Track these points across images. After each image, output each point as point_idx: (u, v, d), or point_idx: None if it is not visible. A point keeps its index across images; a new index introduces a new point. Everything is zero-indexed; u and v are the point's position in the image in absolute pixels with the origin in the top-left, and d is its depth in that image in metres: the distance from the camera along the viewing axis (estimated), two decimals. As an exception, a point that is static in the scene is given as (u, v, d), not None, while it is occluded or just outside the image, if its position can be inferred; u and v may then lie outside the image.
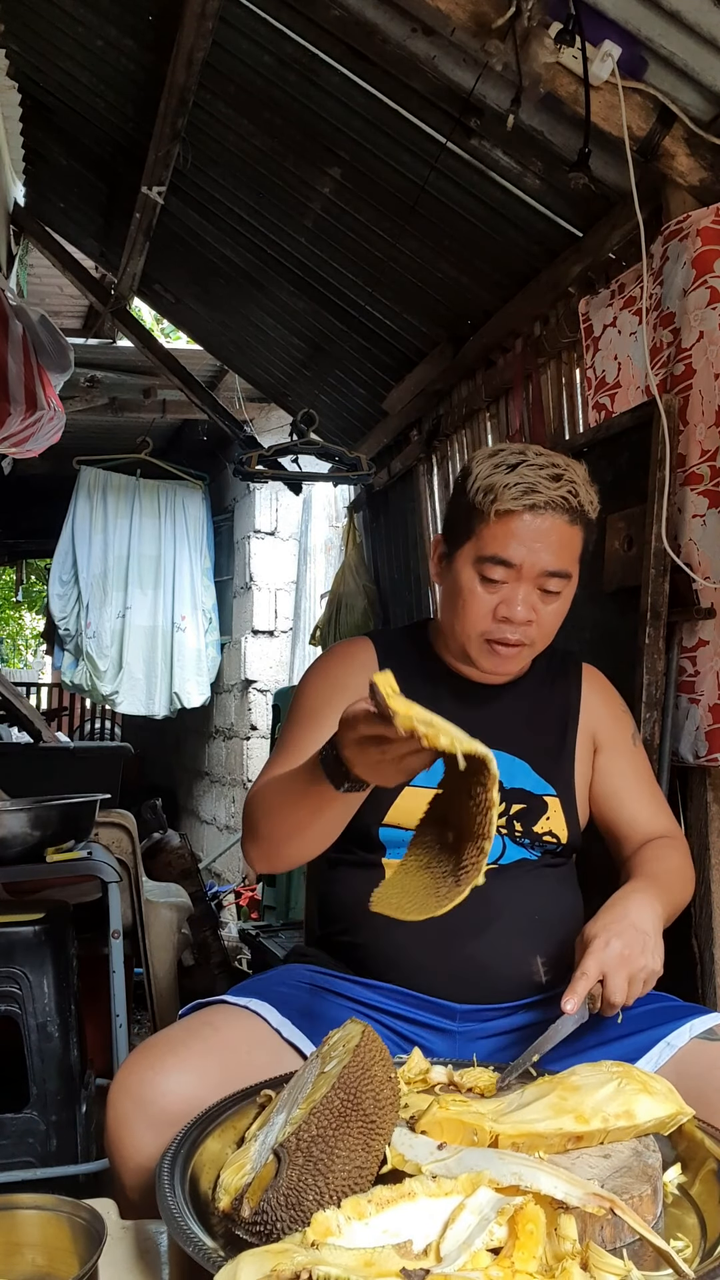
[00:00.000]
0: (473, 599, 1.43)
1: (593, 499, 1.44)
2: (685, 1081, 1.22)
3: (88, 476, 6.57)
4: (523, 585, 1.41)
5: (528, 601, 1.42)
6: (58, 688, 9.44)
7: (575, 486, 1.40)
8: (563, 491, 1.39)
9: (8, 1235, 0.94)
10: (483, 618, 1.43)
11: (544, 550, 1.40)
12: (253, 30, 2.64)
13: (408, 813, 1.43)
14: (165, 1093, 1.22)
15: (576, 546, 1.44)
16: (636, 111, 2.08)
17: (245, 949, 4.26)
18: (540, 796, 1.50)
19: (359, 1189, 0.90)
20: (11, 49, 3.09)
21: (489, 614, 1.43)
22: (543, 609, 1.44)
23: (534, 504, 1.38)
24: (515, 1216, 0.84)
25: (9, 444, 3.34)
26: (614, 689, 1.67)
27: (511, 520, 1.39)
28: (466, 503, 1.44)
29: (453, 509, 1.50)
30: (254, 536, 6.24)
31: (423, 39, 2.20)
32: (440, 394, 3.55)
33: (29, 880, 2.34)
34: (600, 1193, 0.89)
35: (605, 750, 1.58)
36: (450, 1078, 1.19)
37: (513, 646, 1.44)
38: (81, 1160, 2.10)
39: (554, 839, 1.49)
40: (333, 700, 1.50)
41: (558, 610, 1.47)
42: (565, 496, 1.39)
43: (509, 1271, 0.79)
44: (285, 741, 1.53)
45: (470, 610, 1.44)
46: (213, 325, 4.61)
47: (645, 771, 1.61)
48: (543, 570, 1.41)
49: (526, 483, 1.38)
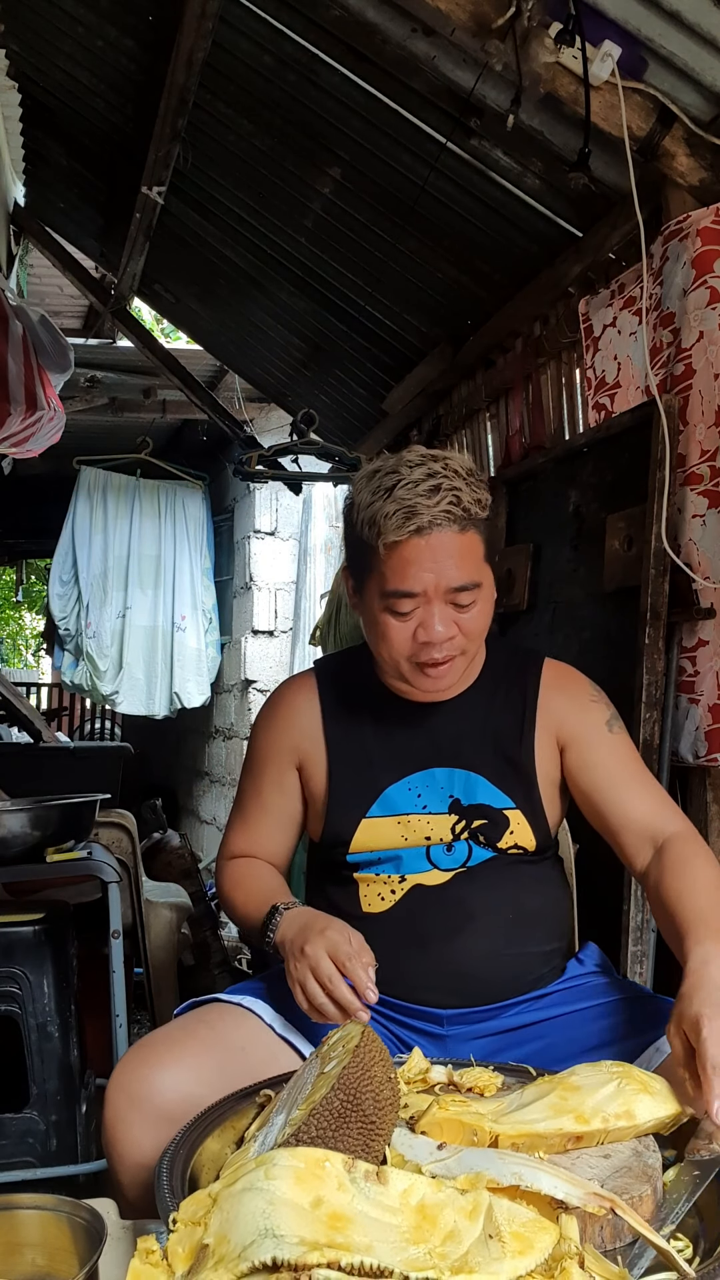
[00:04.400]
0: (389, 630, 1.40)
1: (478, 496, 1.38)
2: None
3: (88, 476, 6.57)
4: (434, 605, 1.37)
5: (444, 619, 1.38)
6: (58, 688, 9.44)
7: (457, 494, 1.35)
8: (444, 505, 1.34)
9: (8, 1235, 0.94)
10: (404, 645, 1.40)
11: (443, 569, 1.36)
12: (253, 30, 2.63)
13: (368, 840, 1.47)
14: (161, 1090, 1.23)
15: (477, 550, 1.40)
16: (636, 111, 2.08)
17: (245, 949, 4.26)
18: (500, 811, 1.46)
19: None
20: (11, 49, 3.09)
21: (409, 640, 1.39)
22: (463, 619, 1.39)
23: (418, 527, 1.33)
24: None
25: (9, 444, 3.34)
26: (581, 680, 1.57)
27: (402, 549, 1.35)
28: (357, 537, 1.41)
29: (348, 541, 1.46)
30: (254, 536, 6.24)
31: (423, 39, 2.20)
32: (440, 394, 3.54)
33: (29, 880, 2.34)
34: (601, 1193, 0.89)
35: (574, 745, 1.50)
36: (450, 1077, 1.19)
37: (442, 664, 1.41)
38: (81, 1160, 2.10)
39: (519, 849, 1.46)
40: (275, 754, 1.57)
41: (479, 614, 1.41)
42: (448, 510, 1.34)
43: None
44: (243, 798, 1.61)
45: (390, 641, 1.41)
46: (213, 325, 4.61)
47: (628, 758, 1.51)
48: (448, 588, 1.37)
49: (405, 507, 1.33)
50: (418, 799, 1.47)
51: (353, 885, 1.47)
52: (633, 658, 2.06)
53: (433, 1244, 0.80)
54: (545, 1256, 0.83)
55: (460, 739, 1.49)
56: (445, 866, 1.44)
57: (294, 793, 1.56)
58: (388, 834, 1.46)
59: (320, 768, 1.52)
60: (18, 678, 12.26)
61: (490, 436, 3.26)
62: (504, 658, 1.57)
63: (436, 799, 1.46)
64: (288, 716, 1.57)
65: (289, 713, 1.57)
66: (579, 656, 1.91)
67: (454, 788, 1.47)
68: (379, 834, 1.46)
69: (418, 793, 1.47)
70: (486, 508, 1.41)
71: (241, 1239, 0.78)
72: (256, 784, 1.58)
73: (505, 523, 2.82)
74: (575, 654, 2.28)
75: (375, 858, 1.46)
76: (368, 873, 1.46)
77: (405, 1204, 0.83)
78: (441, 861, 1.44)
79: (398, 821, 1.46)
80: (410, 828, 1.45)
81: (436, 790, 1.47)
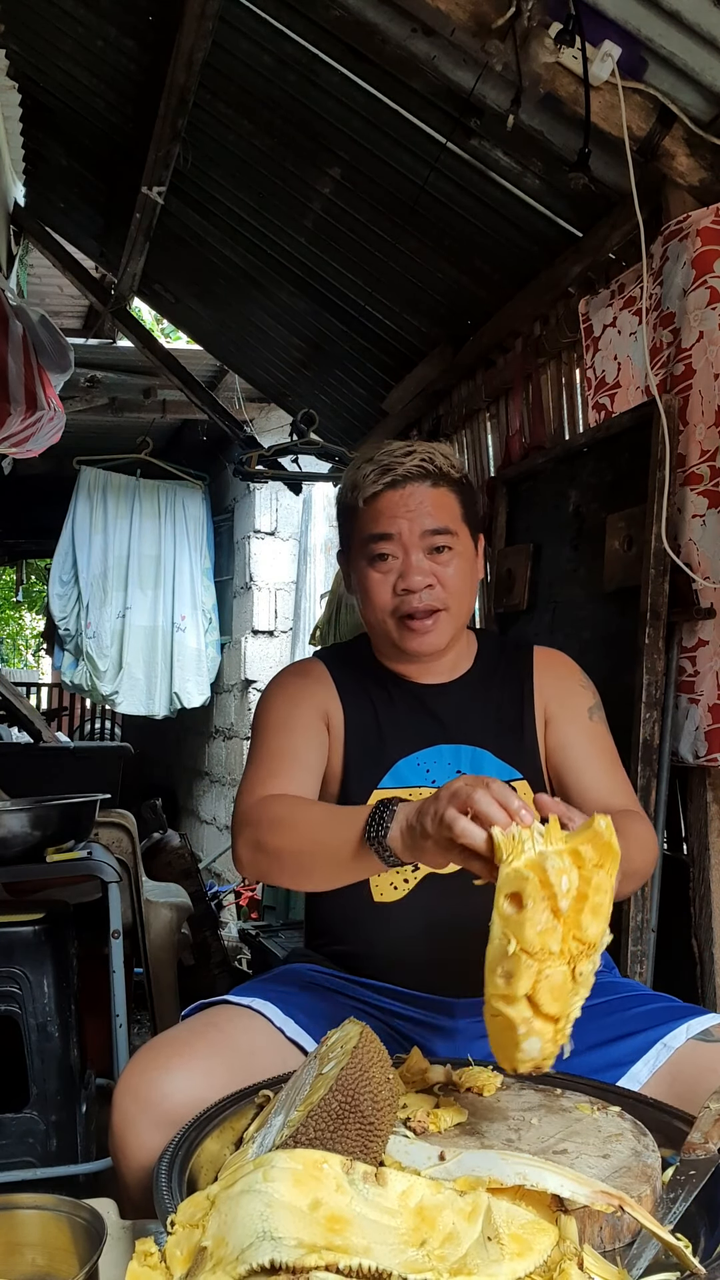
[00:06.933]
0: (372, 584, 1.50)
1: (453, 463, 1.51)
2: (680, 1084, 1.21)
3: (88, 476, 6.57)
4: (412, 553, 1.47)
5: (420, 567, 1.47)
6: (58, 688, 9.44)
7: (431, 455, 1.49)
8: (416, 460, 1.48)
9: (8, 1235, 0.94)
10: (386, 596, 1.49)
11: (416, 516, 1.47)
12: (253, 30, 2.63)
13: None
14: (171, 1093, 1.22)
15: (452, 507, 1.51)
16: (636, 111, 2.08)
17: (245, 949, 4.26)
18: (508, 784, 1.48)
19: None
20: (11, 49, 3.09)
21: (390, 591, 1.49)
22: (442, 571, 1.49)
23: (393, 480, 1.48)
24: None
25: (9, 444, 3.34)
26: (573, 666, 1.65)
27: (378, 501, 1.49)
28: (344, 508, 1.55)
29: (338, 519, 1.59)
30: (254, 536, 6.24)
31: (423, 39, 2.20)
32: (440, 394, 3.54)
33: (29, 880, 2.33)
34: (610, 1190, 0.89)
35: (555, 722, 1.56)
36: (449, 1077, 1.19)
37: (426, 617, 1.48)
38: (81, 1160, 2.10)
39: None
40: (302, 710, 1.55)
41: (459, 571, 1.50)
42: (421, 464, 1.48)
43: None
44: (265, 750, 1.51)
45: (374, 595, 1.50)
46: (213, 325, 4.61)
47: (602, 745, 1.57)
48: (422, 530, 1.47)
49: (381, 465, 1.48)
50: (426, 774, 1.50)
51: (364, 882, 1.46)
52: (633, 658, 2.06)
53: (431, 1246, 0.80)
54: (544, 1258, 0.83)
55: (463, 718, 1.54)
56: None
57: (323, 742, 1.53)
58: None
59: (339, 735, 1.55)
60: (18, 678, 12.27)
61: (490, 436, 3.26)
62: (495, 647, 1.65)
63: (445, 773, 1.49)
64: (306, 683, 1.59)
65: (307, 680, 1.60)
66: (579, 656, 1.90)
67: (461, 763, 1.50)
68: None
69: (426, 768, 1.50)
70: (461, 472, 1.52)
71: (239, 1241, 0.78)
72: (275, 738, 1.51)
73: (505, 522, 2.82)
74: (575, 654, 2.26)
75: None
76: None
77: (404, 1206, 0.83)
78: None
79: (409, 794, 1.47)
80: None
81: (444, 766, 1.50)
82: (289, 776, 1.46)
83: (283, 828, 1.35)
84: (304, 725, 1.53)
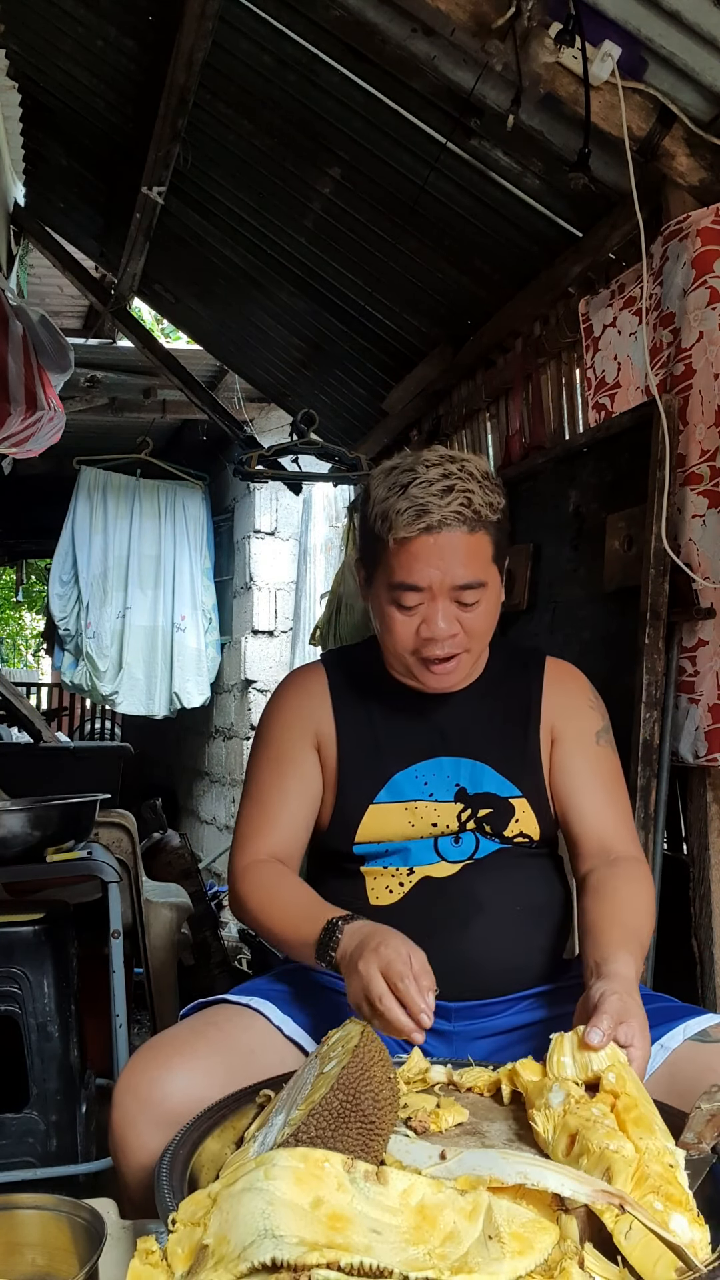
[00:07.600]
0: (394, 624, 1.44)
1: (491, 500, 1.42)
2: (678, 1084, 1.21)
3: (88, 476, 6.57)
4: (438, 603, 1.41)
5: (447, 616, 1.42)
6: (58, 688, 9.44)
7: (470, 495, 1.38)
8: (455, 505, 1.38)
9: (8, 1235, 0.94)
10: (408, 639, 1.44)
11: (449, 567, 1.39)
12: (253, 30, 2.63)
13: (375, 828, 1.47)
14: (171, 1093, 1.22)
15: (485, 551, 1.43)
16: (636, 112, 2.08)
17: (245, 949, 4.26)
18: (506, 799, 1.48)
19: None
20: (11, 49, 3.09)
21: (413, 635, 1.43)
22: (466, 618, 1.43)
23: (429, 525, 1.37)
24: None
25: (9, 444, 3.34)
26: (584, 683, 1.61)
27: (411, 545, 1.39)
28: (370, 530, 1.45)
29: (363, 533, 1.50)
30: (254, 536, 6.24)
31: (423, 39, 2.20)
32: (440, 394, 3.54)
33: (29, 880, 2.33)
34: (610, 1189, 0.89)
35: (561, 743, 1.53)
36: (449, 1077, 1.19)
37: (446, 661, 1.45)
38: (81, 1160, 2.10)
39: (525, 838, 1.48)
40: (294, 737, 1.54)
41: (484, 613, 1.45)
42: (459, 510, 1.38)
43: None
44: (261, 789, 1.54)
45: (395, 635, 1.45)
46: (213, 325, 4.61)
47: (607, 773, 1.53)
48: (453, 585, 1.40)
49: (417, 505, 1.37)
50: (424, 786, 1.49)
51: (359, 878, 1.48)
52: (633, 658, 2.06)
53: (432, 1244, 0.80)
54: (545, 1257, 0.83)
55: (466, 730, 1.52)
56: (453, 858, 1.46)
57: (315, 775, 1.54)
58: (395, 821, 1.47)
59: (331, 752, 1.54)
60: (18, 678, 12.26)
61: (490, 436, 3.26)
62: (506, 655, 1.61)
63: (443, 787, 1.48)
64: (301, 700, 1.58)
65: (302, 696, 1.59)
66: (579, 656, 1.90)
67: (460, 776, 1.49)
68: (386, 821, 1.47)
69: (424, 780, 1.49)
70: (499, 511, 1.43)
71: (241, 1239, 0.78)
72: (277, 770, 1.54)
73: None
74: (575, 654, 2.27)
75: (383, 849, 1.47)
76: (375, 865, 1.47)
77: (405, 1204, 0.83)
78: (449, 853, 1.46)
79: (405, 808, 1.47)
80: (417, 815, 1.46)
81: (443, 779, 1.49)
82: (276, 834, 1.50)
83: (260, 912, 1.43)
84: (294, 758, 1.53)
